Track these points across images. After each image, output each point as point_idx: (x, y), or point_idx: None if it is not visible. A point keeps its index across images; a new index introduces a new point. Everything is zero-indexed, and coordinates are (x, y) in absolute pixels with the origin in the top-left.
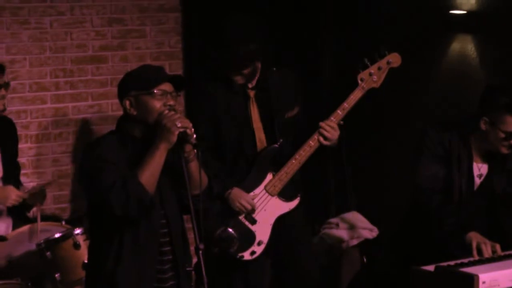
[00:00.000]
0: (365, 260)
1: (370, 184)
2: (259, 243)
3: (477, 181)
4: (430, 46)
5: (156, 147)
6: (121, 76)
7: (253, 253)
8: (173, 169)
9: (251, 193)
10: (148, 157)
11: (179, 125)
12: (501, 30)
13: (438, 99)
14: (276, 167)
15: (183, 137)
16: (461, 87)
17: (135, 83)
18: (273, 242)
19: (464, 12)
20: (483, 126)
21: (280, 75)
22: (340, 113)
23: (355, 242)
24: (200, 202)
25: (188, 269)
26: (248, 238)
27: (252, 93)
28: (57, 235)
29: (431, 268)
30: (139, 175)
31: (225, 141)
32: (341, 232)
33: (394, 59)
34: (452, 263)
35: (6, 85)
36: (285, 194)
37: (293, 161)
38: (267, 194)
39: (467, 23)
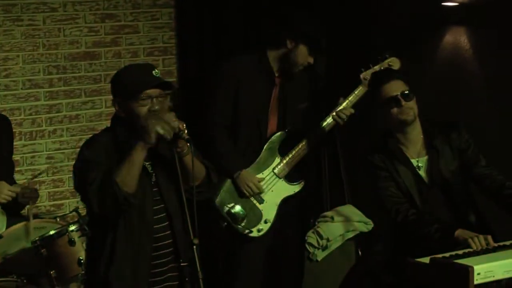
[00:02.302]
0: (360, 253)
1: (365, 177)
2: (266, 221)
3: (424, 175)
4: (423, 38)
5: (134, 147)
6: (114, 72)
7: (260, 230)
8: (173, 164)
9: (260, 174)
10: (125, 156)
11: (160, 131)
12: (494, 21)
13: (432, 91)
14: (284, 152)
15: (175, 133)
16: (454, 79)
17: (121, 89)
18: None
19: (457, 4)
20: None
21: (307, 73)
22: (348, 103)
23: (350, 235)
24: (194, 194)
25: (182, 264)
26: (256, 216)
27: (278, 80)
28: (52, 232)
29: (426, 260)
30: (115, 174)
31: (241, 121)
32: (336, 226)
33: (395, 62)
34: (447, 255)
35: None
36: (291, 178)
37: (298, 149)
38: (275, 176)
39: (460, 14)
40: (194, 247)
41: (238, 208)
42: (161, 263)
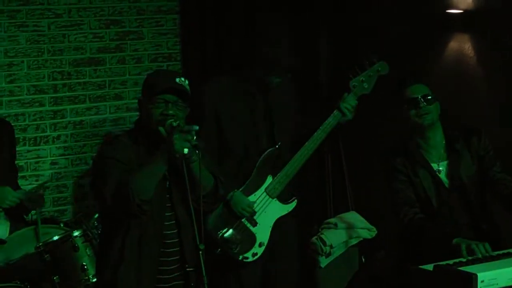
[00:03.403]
0: (363, 260)
1: (369, 184)
2: (260, 245)
3: (444, 179)
4: (427, 45)
5: (157, 159)
6: (118, 78)
7: (255, 254)
8: (181, 171)
9: (252, 196)
10: (145, 165)
11: (185, 151)
12: (498, 29)
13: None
14: (275, 170)
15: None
16: (458, 86)
17: (143, 90)
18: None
19: (461, 11)
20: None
21: (281, 79)
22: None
23: (353, 241)
24: (201, 203)
25: (188, 269)
26: (250, 239)
27: (258, 97)
28: (55, 238)
29: (429, 267)
30: (132, 179)
31: (229, 145)
32: (340, 232)
33: (383, 67)
34: (450, 262)
35: None
36: (283, 197)
37: (292, 164)
38: (267, 197)
39: (464, 22)
40: (200, 252)
41: (231, 232)
42: (167, 269)
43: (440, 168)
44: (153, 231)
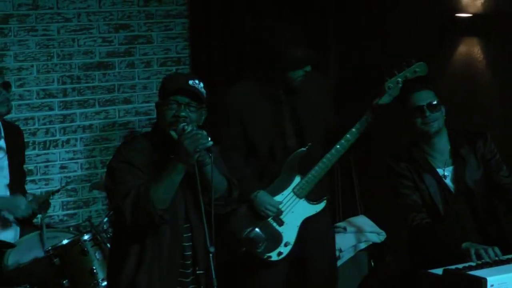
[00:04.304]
0: (372, 264)
1: (377, 188)
2: (286, 244)
3: (450, 184)
4: (436, 49)
5: (174, 167)
6: (128, 82)
7: (280, 254)
8: (193, 173)
9: (279, 195)
10: (164, 174)
11: (199, 158)
12: (507, 32)
13: (445, 103)
14: (304, 170)
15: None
16: (467, 90)
17: (159, 91)
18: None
19: (470, 15)
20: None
21: (309, 79)
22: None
23: (362, 246)
24: (212, 206)
25: (198, 272)
26: (275, 239)
27: (284, 98)
28: (65, 242)
29: (439, 271)
30: (152, 190)
31: (256, 149)
32: (349, 236)
33: (421, 68)
34: (460, 266)
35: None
36: (312, 197)
37: (321, 165)
38: (295, 197)
39: (473, 25)
40: (210, 255)
41: (256, 231)
42: (186, 273)
43: (446, 174)
44: (172, 234)
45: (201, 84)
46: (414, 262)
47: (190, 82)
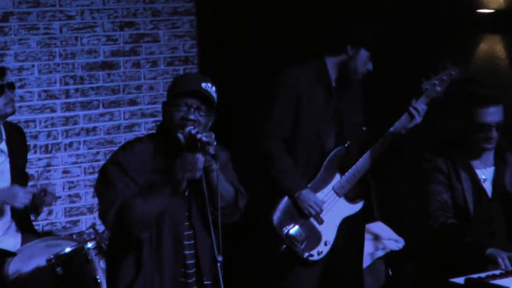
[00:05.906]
0: (390, 272)
1: (396, 194)
2: (326, 243)
3: (488, 187)
4: (457, 46)
5: (165, 187)
6: (133, 83)
7: (320, 253)
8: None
9: (320, 193)
10: (154, 192)
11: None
12: None
13: None
14: (344, 168)
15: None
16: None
17: (168, 91)
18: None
19: (492, 11)
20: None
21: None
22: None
23: (380, 253)
24: (219, 215)
25: (206, 282)
26: (315, 237)
27: (335, 92)
28: (67, 250)
29: (460, 280)
30: (136, 210)
31: (300, 135)
32: (366, 243)
33: (456, 71)
34: (483, 275)
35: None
36: (351, 196)
37: (361, 164)
38: (335, 195)
39: (496, 22)
40: (218, 264)
41: (297, 229)
42: (188, 282)
43: (484, 176)
44: (173, 241)
45: (214, 88)
46: (434, 270)
47: (203, 85)
